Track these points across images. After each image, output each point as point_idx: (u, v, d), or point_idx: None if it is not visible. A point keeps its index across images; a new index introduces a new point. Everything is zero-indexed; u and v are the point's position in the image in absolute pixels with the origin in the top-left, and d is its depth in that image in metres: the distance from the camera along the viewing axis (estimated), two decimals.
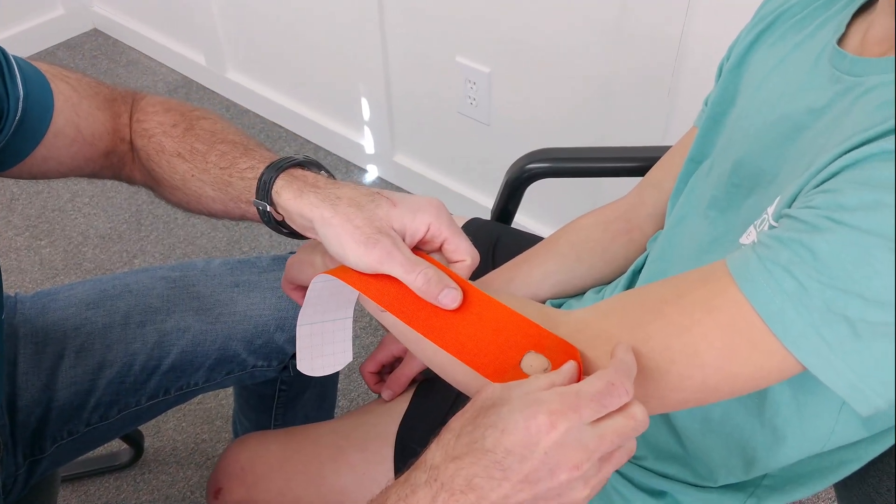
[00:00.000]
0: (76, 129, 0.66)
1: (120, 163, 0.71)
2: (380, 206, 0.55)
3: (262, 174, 0.59)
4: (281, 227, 0.61)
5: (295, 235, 0.62)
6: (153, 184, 0.70)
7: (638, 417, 0.43)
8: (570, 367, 0.47)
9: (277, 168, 0.59)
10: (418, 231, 0.56)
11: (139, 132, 0.68)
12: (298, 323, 0.62)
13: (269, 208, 0.59)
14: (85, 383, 0.80)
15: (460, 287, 0.54)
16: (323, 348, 0.64)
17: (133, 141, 0.69)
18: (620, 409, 0.43)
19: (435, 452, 0.43)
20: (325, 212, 0.55)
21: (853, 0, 0.59)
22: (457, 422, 0.44)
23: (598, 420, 0.42)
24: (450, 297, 0.53)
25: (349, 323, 0.65)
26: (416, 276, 0.53)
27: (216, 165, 0.63)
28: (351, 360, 0.66)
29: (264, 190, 0.59)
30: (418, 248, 0.58)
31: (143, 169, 0.69)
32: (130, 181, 0.73)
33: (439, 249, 0.58)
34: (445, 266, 0.57)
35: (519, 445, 0.41)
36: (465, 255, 0.57)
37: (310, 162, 0.62)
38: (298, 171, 0.60)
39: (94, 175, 0.71)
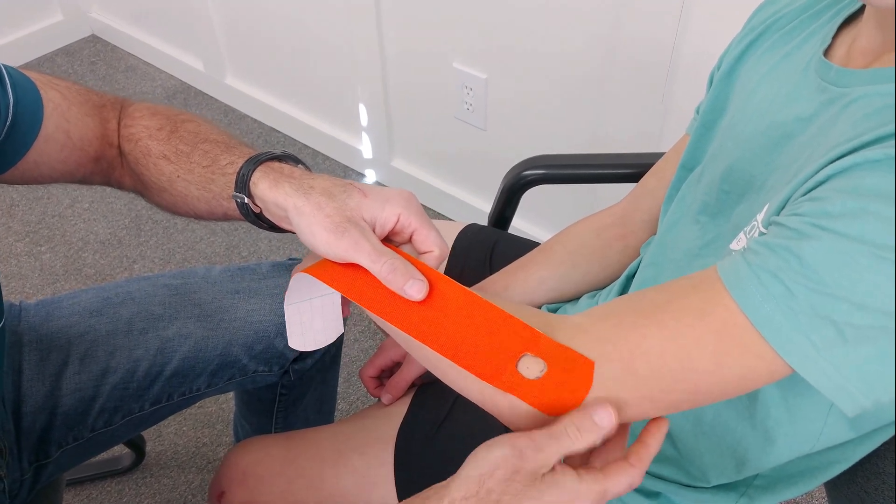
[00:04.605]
0: (66, 134, 0.68)
1: (109, 168, 0.72)
2: (351, 196, 0.57)
3: (241, 168, 0.61)
4: (260, 220, 0.62)
5: (274, 228, 0.63)
6: (142, 188, 0.71)
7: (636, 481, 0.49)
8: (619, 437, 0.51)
9: (255, 161, 0.60)
10: (388, 221, 0.57)
11: (127, 137, 0.69)
12: (285, 304, 0.62)
13: (246, 200, 0.60)
14: (89, 389, 0.81)
15: (457, 291, 0.54)
16: (313, 323, 0.63)
17: (121, 146, 0.70)
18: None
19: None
20: (298, 201, 0.56)
21: (839, 13, 0.60)
22: (496, 483, 0.48)
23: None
24: (415, 288, 0.54)
25: (337, 298, 0.64)
26: (382, 266, 0.54)
27: (199, 164, 0.65)
28: (342, 331, 0.64)
29: (242, 182, 0.60)
30: (389, 241, 0.59)
31: (132, 173, 0.71)
32: (121, 186, 0.74)
33: (410, 241, 0.59)
34: (418, 260, 0.57)
35: None
36: (433, 245, 0.58)
37: (287, 156, 0.63)
38: (276, 164, 0.61)
39: (84, 180, 0.72)
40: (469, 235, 0.99)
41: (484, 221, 1.07)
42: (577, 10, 1.31)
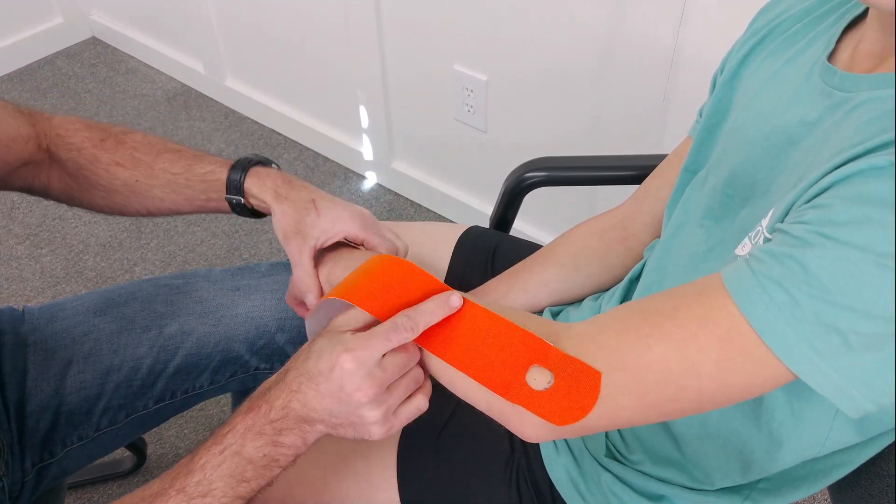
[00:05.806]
0: None
1: (36, 170, 0.79)
2: (308, 213, 0.73)
3: (229, 175, 0.76)
4: (247, 212, 0.79)
5: (256, 215, 0.80)
6: (78, 190, 0.80)
7: (410, 351, 0.56)
8: (358, 313, 0.58)
9: (242, 169, 0.76)
10: (335, 237, 0.73)
11: (64, 146, 0.78)
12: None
13: (242, 200, 0.77)
14: (94, 388, 0.82)
15: (467, 306, 0.55)
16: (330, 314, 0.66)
17: (54, 152, 0.78)
18: (403, 349, 0.56)
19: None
20: (274, 206, 0.75)
21: (843, 16, 0.60)
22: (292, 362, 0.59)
23: (384, 356, 0.55)
24: (308, 301, 0.72)
25: None
26: (297, 273, 0.73)
27: (166, 171, 0.78)
28: None
29: (235, 187, 0.77)
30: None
31: (70, 176, 0.79)
32: (45, 189, 0.81)
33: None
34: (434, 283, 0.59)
35: (326, 369, 0.55)
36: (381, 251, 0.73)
37: (261, 159, 0.78)
38: (261, 170, 0.77)
39: (5, 182, 0.77)
40: (471, 238, 0.99)
41: (485, 224, 1.08)
42: (577, 11, 1.32)
